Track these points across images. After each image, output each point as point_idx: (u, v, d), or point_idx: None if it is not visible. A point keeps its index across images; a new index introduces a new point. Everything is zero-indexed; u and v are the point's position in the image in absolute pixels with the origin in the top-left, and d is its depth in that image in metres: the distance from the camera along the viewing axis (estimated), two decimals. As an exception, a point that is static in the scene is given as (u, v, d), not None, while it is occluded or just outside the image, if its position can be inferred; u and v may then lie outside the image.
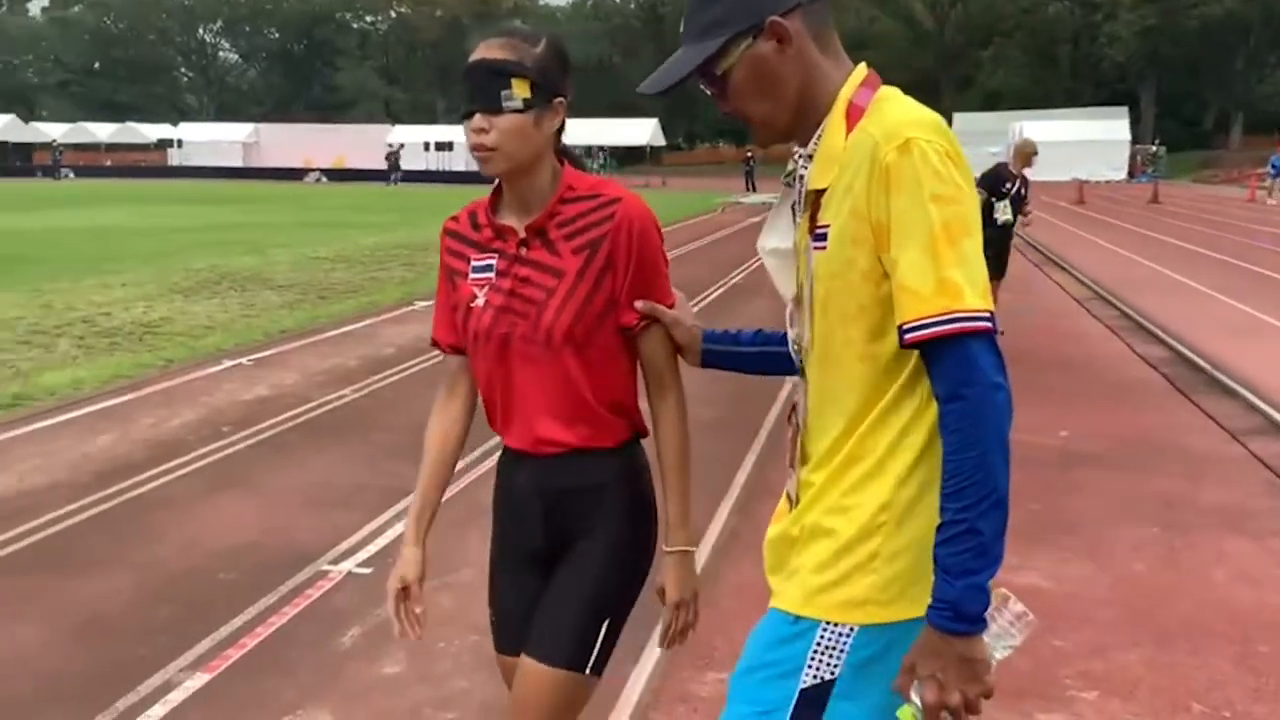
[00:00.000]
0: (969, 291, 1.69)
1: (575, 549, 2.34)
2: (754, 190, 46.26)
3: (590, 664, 2.30)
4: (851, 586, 1.82)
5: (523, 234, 2.27)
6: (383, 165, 55.05)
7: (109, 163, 63.68)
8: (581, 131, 60.28)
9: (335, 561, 5.33)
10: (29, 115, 73.86)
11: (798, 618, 1.87)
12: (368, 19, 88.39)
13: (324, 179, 57.33)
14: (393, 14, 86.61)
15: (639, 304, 2.27)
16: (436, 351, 2.46)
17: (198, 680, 4.10)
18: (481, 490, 6.43)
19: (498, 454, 2.49)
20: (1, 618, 4.64)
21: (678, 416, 2.34)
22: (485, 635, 4.59)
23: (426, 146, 60.72)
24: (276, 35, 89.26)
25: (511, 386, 2.28)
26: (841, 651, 1.83)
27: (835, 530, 1.84)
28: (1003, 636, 1.74)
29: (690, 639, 2.44)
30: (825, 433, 1.88)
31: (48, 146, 64.08)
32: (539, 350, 2.23)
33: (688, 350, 2.37)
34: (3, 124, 62.92)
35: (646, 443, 2.43)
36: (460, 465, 2.65)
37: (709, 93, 1.95)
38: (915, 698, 1.73)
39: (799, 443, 1.95)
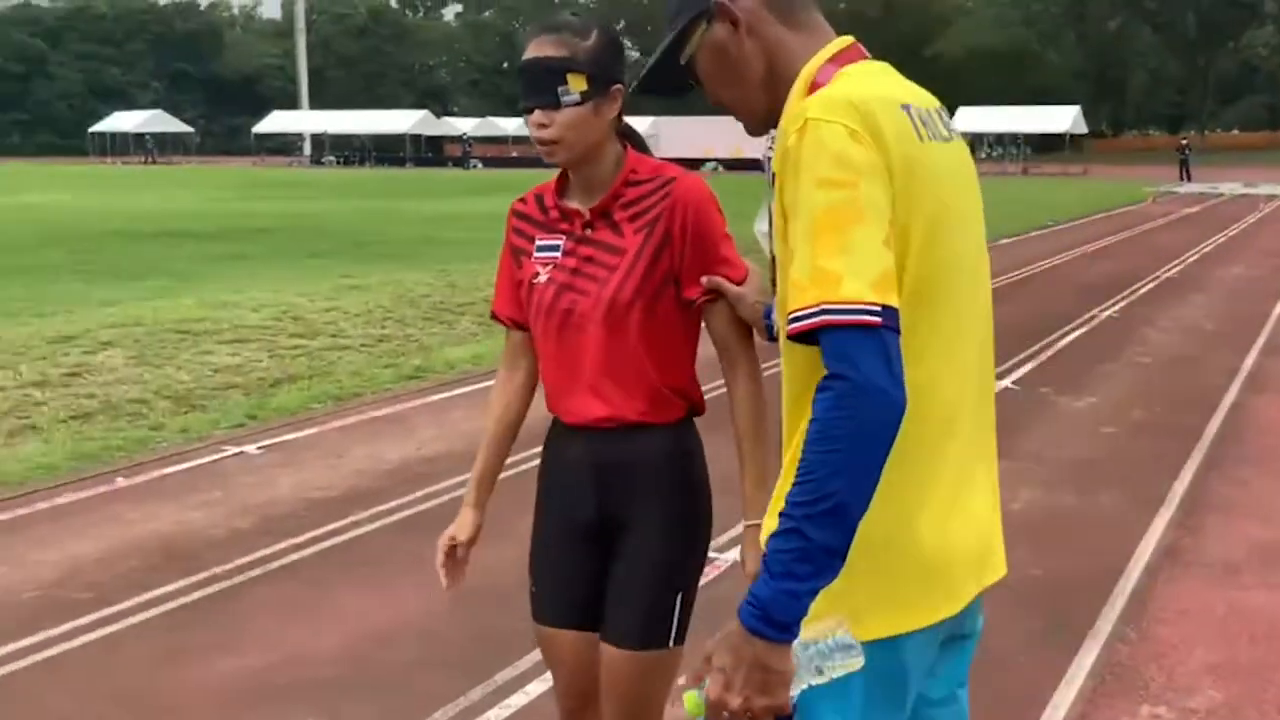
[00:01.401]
0: (849, 282, 1.52)
1: (629, 529, 2.37)
2: (1189, 179, 42.77)
3: (671, 637, 2.37)
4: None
5: (588, 216, 2.35)
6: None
7: (515, 154, 67.65)
8: (997, 120, 58.24)
9: (721, 550, 5.07)
10: (441, 111, 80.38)
11: None
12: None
13: (721, 169, 58.60)
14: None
15: (704, 279, 2.31)
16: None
17: (579, 661, 3.96)
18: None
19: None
20: (391, 576, 4.74)
21: (749, 388, 2.35)
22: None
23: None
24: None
25: (570, 361, 2.34)
26: None
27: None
28: (820, 660, 1.56)
29: (1121, 670, 2.02)
30: (788, 422, 1.74)
31: (458, 139, 69.05)
32: (598, 325, 2.30)
33: (754, 325, 2.35)
34: (417, 119, 68.37)
35: (709, 419, 2.44)
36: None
37: (695, 84, 1.90)
38: (704, 691, 1.56)
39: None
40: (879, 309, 1.52)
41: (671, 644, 2.37)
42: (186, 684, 3.87)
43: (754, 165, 63.09)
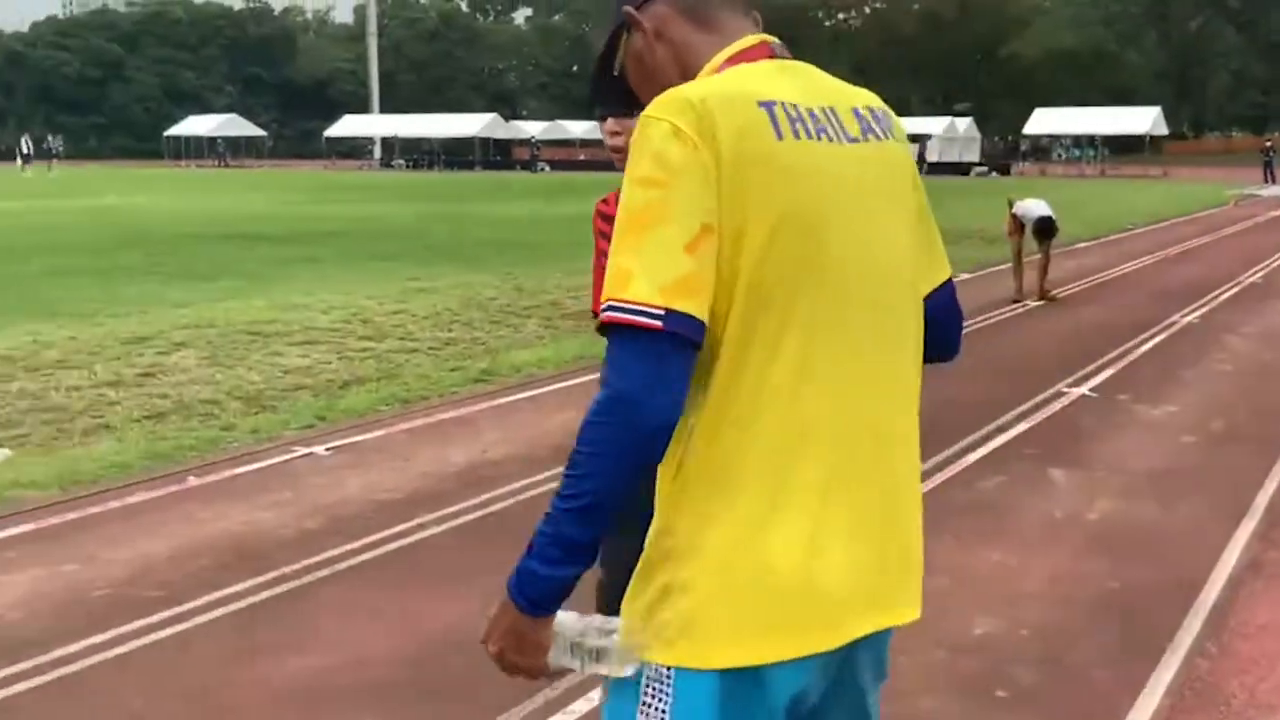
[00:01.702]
0: (638, 282, 1.50)
1: None
2: (1273, 181, 41.84)
3: None
4: (653, 619, 1.62)
5: None
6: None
7: (583, 157, 67.86)
8: (1075, 121, 57.41)
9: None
10: (510, 114, 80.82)
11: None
12: (840, 16, 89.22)
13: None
14: (867, 10, 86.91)
15: None
16: None
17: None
18: (954, 490, 5.97)
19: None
20: (456, 579, 4.72)
21: None
22: (954, 651, 4.27)
23: (900, 139, 60.22)
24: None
25: None
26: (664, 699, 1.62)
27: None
28: (576, 649, 1.63)
29: (1201, 686, 1.93)
30: None
31: (526, 142, 69.27)
32: None
33: None
34: (486, 122, 68.68)
35: None
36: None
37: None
38: None
39: None
40: (663, 313, 1.49)
41: None
42: (253, 683, 3.89)
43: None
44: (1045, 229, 12.64)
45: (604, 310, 1.52)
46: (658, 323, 1.49)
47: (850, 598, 1.64)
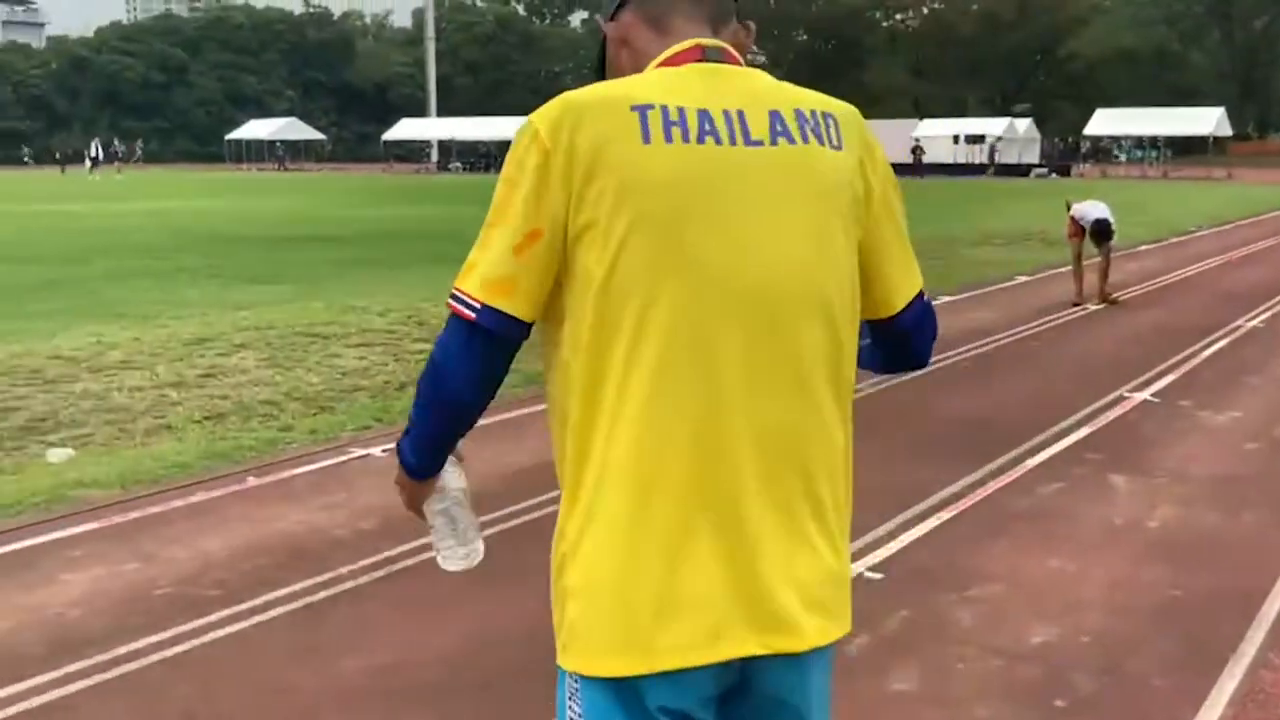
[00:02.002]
0: (472, 275, 1.66)
1: None
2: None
3: None
4: (558, 623, 1.71)
5: None
6: (908, 159, 54.54)
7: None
8: (1136, 122, 56.60)
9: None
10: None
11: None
12: (898, 16, 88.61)
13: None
14: (925, 10, 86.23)
15: None
16: (968, 348, 2.14)
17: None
18: (1013, 496, 5.90)
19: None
20: (510, 581, 4.73)
21: None
22: (1011, 659, 4.22)
23: (955, 139, 59.56)
24: (804, 37, 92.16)
25: None
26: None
27: None
28: (433, 518, 1.94)
29: (1265, 697, 1.89)
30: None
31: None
32: None
33: None
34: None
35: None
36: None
37: None
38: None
39: None
40: (479, 307, 1.64)
41: None
42: (310, 682, 3.92)
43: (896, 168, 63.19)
44: (1102, 232, 12.46)
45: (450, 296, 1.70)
46: (472, 315, 1.64)
47: (722, 616, 1.61)
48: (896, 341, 1.87)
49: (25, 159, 68.71)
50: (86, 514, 5.65)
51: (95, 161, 58.40)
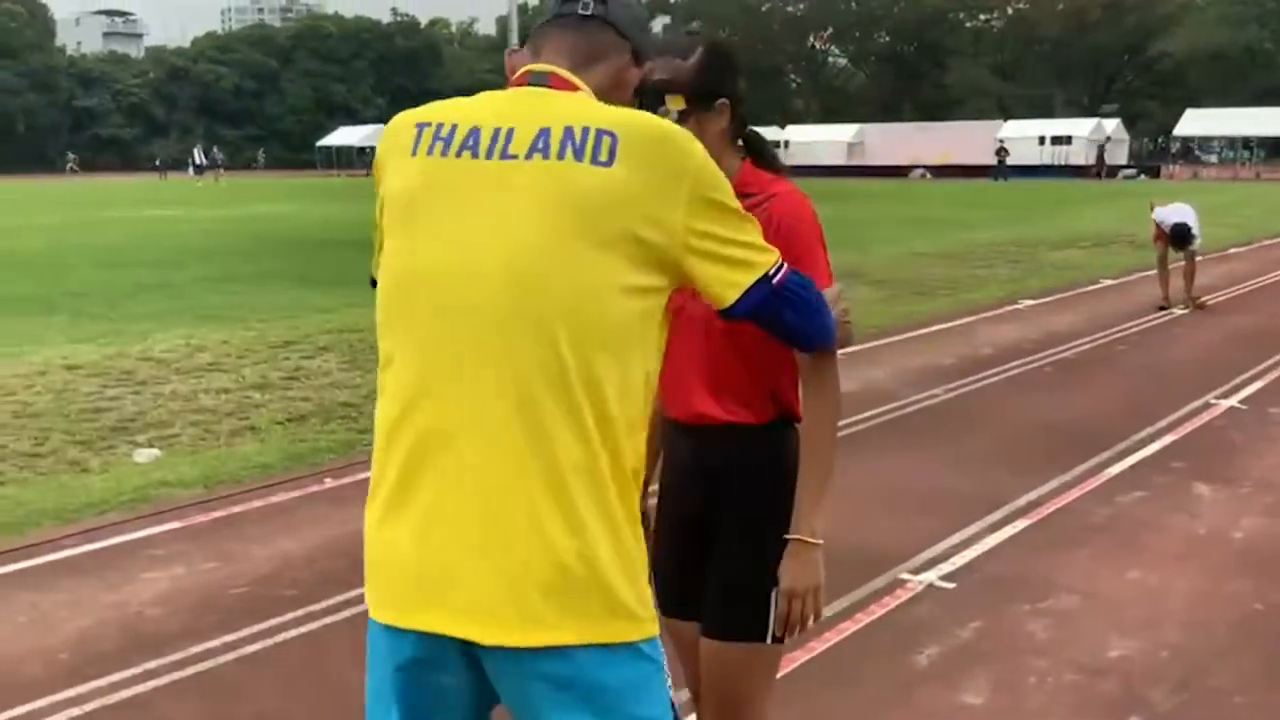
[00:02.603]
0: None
1: (722, 526, 2.44)
2: None
3: (768, 633, 2.39)
4: None
5: None
6: (992, 160, 53.77)
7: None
8: (1227, 122, 55.16)
9: (916, 571, 4.92)
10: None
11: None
12: (981, 17, 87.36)
13: (928, 175, 57.17)
14: (1010, 10, 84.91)
15: None
16: (1050, 352, 2.12)
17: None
18: (1092, 505, 5.78)
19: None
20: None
21: (817, 406, 2.33)
22: (1088, 673, 4.14)
23: (1041, 140, 58.51)
24: (886, 39, 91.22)
25: (672, 361, 2.28)
26: None
27: None
28: None
29: None
30: None
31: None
32: (696, 326, 2.33)
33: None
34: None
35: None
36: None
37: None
38: None
39: None
40: (372, 280, 1.89)
41: (769, 640, 2.39)
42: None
43: (963, 172, 60.93)
44: (1180, 237, 12.12)
45: None
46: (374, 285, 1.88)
47: (415, 588, 1.73)
48: (760, 326, 1.96)
49: (157, 163, 70.65)
50: (169, 513, 5.79)
51: (200, 168, 60.04)
